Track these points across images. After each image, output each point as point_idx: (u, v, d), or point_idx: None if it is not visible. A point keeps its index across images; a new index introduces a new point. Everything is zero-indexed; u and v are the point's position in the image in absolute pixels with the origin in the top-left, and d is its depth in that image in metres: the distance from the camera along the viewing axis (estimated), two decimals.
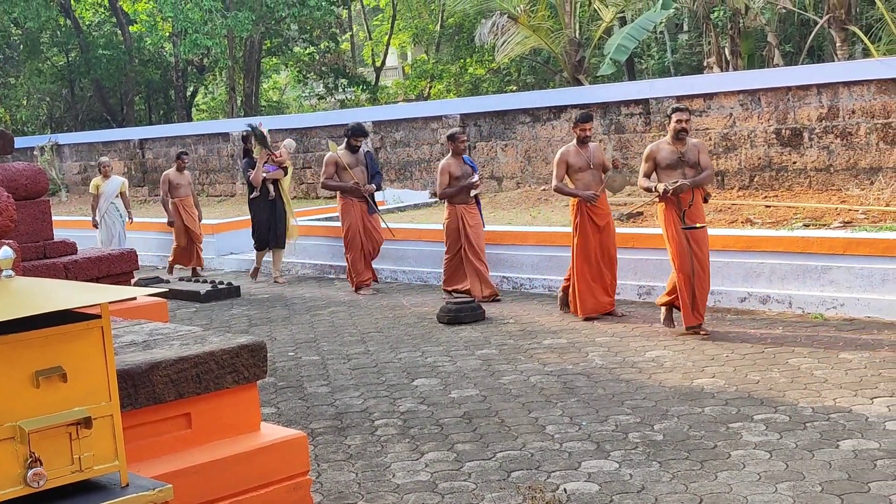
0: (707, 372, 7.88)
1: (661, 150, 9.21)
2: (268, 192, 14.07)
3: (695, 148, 9.19)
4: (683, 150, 9.13)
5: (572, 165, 10.35)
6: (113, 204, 16.05)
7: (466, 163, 11.99)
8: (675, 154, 9.12)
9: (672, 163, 9.11)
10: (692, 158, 9.12)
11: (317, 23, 32.25)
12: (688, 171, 9.07)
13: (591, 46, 22.74)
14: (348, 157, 12.86)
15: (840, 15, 19.46)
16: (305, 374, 8.72)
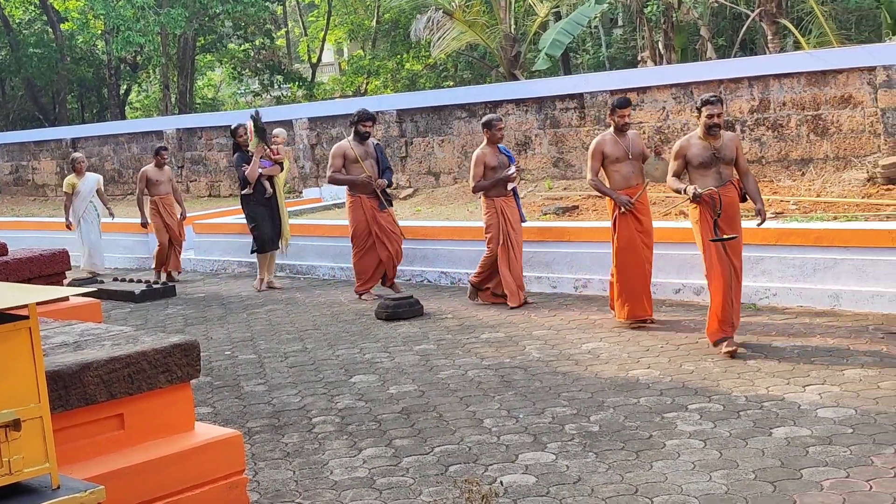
0: (642, 363, 7.96)
1: (692, 146, 8.17)
2: (264, 189, 12.95)
3: (731, 143, 8.21)
4: (718, 146, 8.10)
5: (609, 156, 9.41)
6: (91, 203, 15.25)
7: (502, 152, 10.99)
8: (708, 150, 8.11)
9: (705, 160, 8.11)
10: (728, 155, 8.13)
11: (251, 19, 32.02)
12: (724, 170, 8.10)
13: (527, 41, 22.84)
14: (358, 149, 11.76)
15: (771, 9, 19.74)
16: (242, 373, 8.67)
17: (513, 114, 16.88)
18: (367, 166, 11.70)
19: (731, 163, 8.15)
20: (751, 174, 8.37)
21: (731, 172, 8.16)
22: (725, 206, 7.98)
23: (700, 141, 8.16)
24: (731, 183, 8.13)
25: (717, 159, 8.08)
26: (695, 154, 8.14)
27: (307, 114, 20.44)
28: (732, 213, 8.11)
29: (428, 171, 18.24)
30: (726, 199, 8.03)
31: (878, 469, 5.36)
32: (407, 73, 33.34)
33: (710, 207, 7.99)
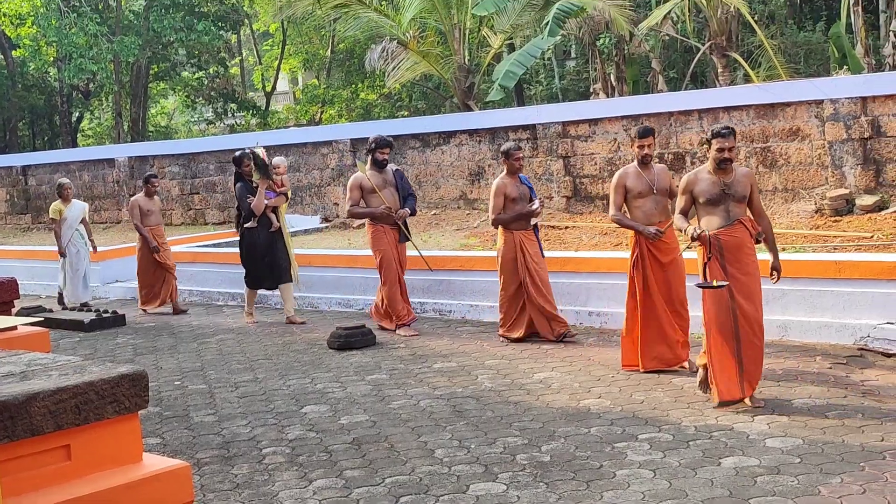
0: (593, 392, 8.00)
1: (700, 180, 7.52)
2: (269, 222, 12.22)
3: (744, 180, 7.50)
4: (729, 182, 7.42)
5: (631, 190, 8.70)
6: (77, 231, 14.65)
7: (523, 182, 10.32)
8: (716, 186, 7.43)
9: (713, 197, 7.44)
10: (739, 192, 7.43)
11: (205, 47, 32.00)
12: (733, 208, 7.41)
13: (481, 72, 22.96)
14: (376, 178, 11.12)
15: (721, 42, 20.01)
16: (192, 403, 8.59)
17: (466, 144, 16.96)
18: (387, 196, 11.09)
19: (742, 200, 7.45)
20: (766, 218, 7.68)
21: (742, 211, 7.45)
22: (731, 248, 7.36)
23: (709, 176, 7.50)
24: (740, 222, 7.41)
25: (727, 196, 7.40)
26: (702, 189, 7.49)
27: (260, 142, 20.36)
28: (740, 255, 7.37)
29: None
30: (732, 239, 7.38)
31: (825, 498, 5.42)
32: (362, 102, 33.42)
33: (717, 250, 7.38)
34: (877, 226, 11.74)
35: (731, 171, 7.44)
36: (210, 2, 31.03)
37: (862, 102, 13.07)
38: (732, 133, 7.46)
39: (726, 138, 7.39)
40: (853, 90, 13.21)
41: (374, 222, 11.15)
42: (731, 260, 7.37)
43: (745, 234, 7.42)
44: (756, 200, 7.57)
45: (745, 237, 7.42)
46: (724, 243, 7.38)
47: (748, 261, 7.43)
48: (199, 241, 17.00)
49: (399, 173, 11.50)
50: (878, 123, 13.01)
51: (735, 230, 7.42)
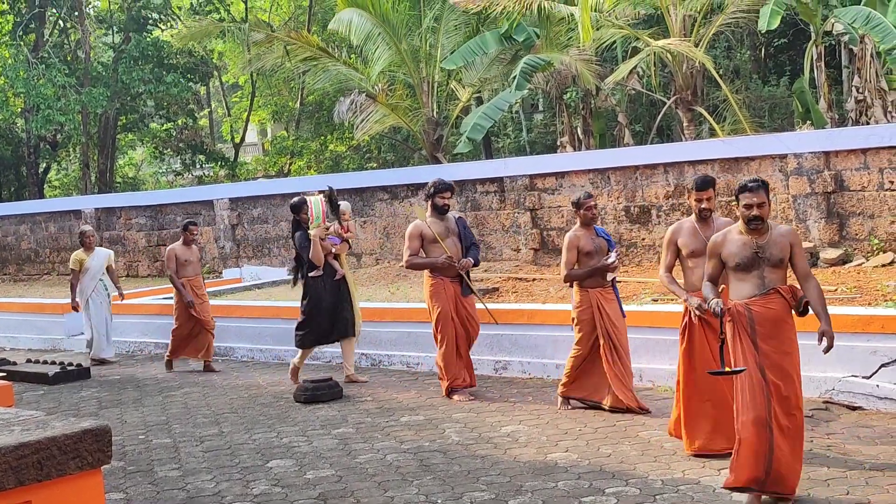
0: (561, 446, 7.98)
1: (729, 241, 6.51)
2: (333, 271, 11.30)
3: (782, 241, 6.43)
4: (763, 243, 6.40)
5: (684, 247, 7.72)
6: (101, 282, 14.00)
7: (600, 235, 9.26)
8: (748, 248, 6.41)
9: (744, 261, 6.42)
10: (776, 255, 6.39)
11: (174, 99, 32.02)
12: (769, 274, 6.38)
13: (449, 125, 23.12)
14: (437, 226, 10.12)
15: (686, 96, 20.25)
16: (156, 458, 8.51)
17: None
18: (449, 245, 10.11)
19: (779, 265, 6.40)
20: (814, 281, 6.50)
21: (779, 277, 6.41)
22: (764, 321, 6.33)
23: (740, 236, 6.48)
24: (777, 291, 6.37)
25: (761, 260, 6.37)
26: (732, 252, 6.46)
27: (228, 194, 20.41)
28: (776, 330, 6.35)
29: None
30: (766, 311, 6.35)
31: None
32: (330, 154, 33.51)
33: (748, 323, 6.37)
34: (840, 279, 11.85)
35: (765, 231, 6.40)
36: (179, 54, 31.10)
37: (825, 157, 13.26)
38: (762, 187, 6.39)
39: (755, 192, 6.34)
40: (816, 144, 13.39)
41: (433, 274, 10.15)
42: (765, 335, 6.33)
43: (781, 304, 6.38)
44: (800, 263, 6.48)
45: (781, 309, 6.38)
46: (755, 315, 6.34)
47: (785, 337, 6.38)
48: (166, 293, 16.89)
49: (462, 221, 10.55)
50: (841, 177, 13.18)
51: (770, 300, 6.37)
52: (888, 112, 18.60)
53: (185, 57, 31.49)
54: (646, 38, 19.94)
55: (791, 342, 6.40)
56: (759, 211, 6.35)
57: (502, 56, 21.56)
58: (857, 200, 13.09)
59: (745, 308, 6.38)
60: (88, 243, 13.97)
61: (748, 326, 6.35)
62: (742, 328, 6.37)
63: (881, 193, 12.91)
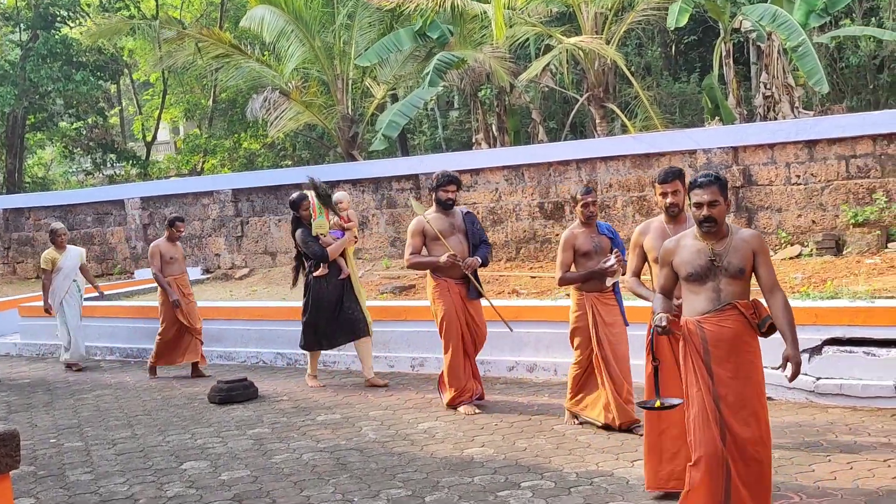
0: (477, 441, 8.02)
1: (683, 248, 5.54)
2: (339, 269, 10.69)
3: (744, 247, 5.42)
4: (720, 251, 5.41)
5: (651, 251, 6.62)
6: (75, 282, 13.32)
7: (603, 233, 8.22)
8: (702, 256, 5.44)
9: (698, 270, 5.44)
10: (735, 264, 5.38)
11: (83, 97, 31.41)
12: (726, 286, 5.37)
13: (364, 122, 23.05)
14: (440, 222, 9.23)
15: (599, 93, 20.45)
16: (68, 462, 8.35)
17: (350, 194, 16.95)
18: (454, 243, 9.17)
19: (739, 275, 5.37)
20: (781, 294, 5.43)
21: (739, 289, 5.39)
22: (718, 342, 5.38)
23: (694, 242, 5.51)
24: (734, 307, 5.37)
25: (717, 270, 5.38)
26: (684, 260, 5.49)
27: (140, 193, 20.10)
28: (730, 353, 5.38)
29: (264, 251, 18.11)
30: (719, 330, 5.38)
31: None
32: (244, 152, 33.19)
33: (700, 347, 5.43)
34: None
35: (723, 235, 5.44)
36: (89, 51, 30.50)
37: (734, 152, 13.49)
38: (716, 182, 5.43)
39: (706, 189, 5.39)
40: (725, 140, 13.62)
41: (436, 275, 9.20)
42: (721, 359, 5.39)
43: (739, 322, 5.39)
44: (765, 274, 5.41)
45: (739, 327, 5.39)
46: (708, 335, 5.39)
47: (745, 360, 5.42)
48: None
49: (470, 217, 9.54)
50: (749, 172, 13.43)
51: (726, 317, 5.39)
52: (795, 107, 19.00)
53: (94, 54, 30.89)
54: (558, 36, 20.09)
55: (752, 366, 5.42)
56: (710, 211, 5.36)
57: (416, 53, 21.56)
58: (764, 195, 13.35)
59: (697, 326, 5.42)
60: (60, 242, 13.31)
61: (701, 348, 5.40)
62: (694, 350, 5.43)
63: (788, 188, 13.18)
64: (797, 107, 19.08)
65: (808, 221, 13.08)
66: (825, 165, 12.94)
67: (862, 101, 24.24)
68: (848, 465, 6.70)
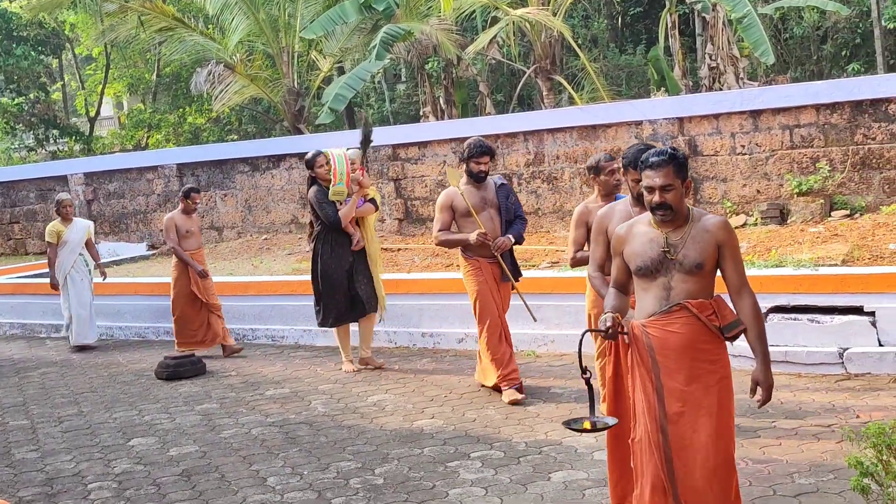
0: (427, 413, 8.02)
1: (635, 236, 4.74)
2: (347, 240, 9.73)
3: (706, 238, 4.60)
4: (675, 241, 4.61)
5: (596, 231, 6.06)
6: (81, 256, 12.55)
7: None
8: (654, 246, 4.63)
9: (647, 264, 4.64)
10: (692, 258, 4.57)
11: (25, 72, 30.91)
12: (679, 283, 4.59)
13: (311, 96, 22.87)
14: (472, 196, 8.35)
15: (546, 66, 20.44)
16: (13, 440, 8.25)
17: (296, 167, 16.84)
18: (485, 219, 8.33)
19: (695, 271, 4.57)
20: (750, 297, 4.64)
21: (695, 288, 4.57)
22: (664, 350, 4.59)
23: (647, 229, 4.71)
24: (683, 309, 4.56)
25: (670, 263, 4.59)
26: (634, 251, 4.71)
27: (83, 168, 19.81)
28: (680, 363, 4.57)
29: (210, 226, 17.95)
30: (667, 336, 4.57)
31: None
32: (189, 126, 32.84)
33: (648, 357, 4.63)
34: None
35: (681, 223, 4.64)
36: (29, 26, 30.00)
37: (679, 122, 13.56)
38: (671, 162, 4.58)
39: (658, 170, 4.57)
40: (670, 111, 13.68)
41: (468, 254, 8.41)
42: (671, 370, 4.58)
43: (691, 326, 4.55)
44: (731, 270, 4.62)
45: (692, 332, 4.56)
46: (654, 342, 4.59)
47: (700, 371, 4.59)
48: (20, 272, 16.36)
49: (504, 189, 8.56)
50: (694, 143, 13.51)
51: (673, 321, 4.58)
52: (740, 78, 19.10)
53: (35, 28, 30.37)
54: (504, 8, 20.04)
55: (710, 378, 4.58)
56: (664, 196, 4.56)
57: (363, 26, 21.38)
58: (710, 165, 13.44)
59: (643, 331, 4.63)
60: (66, 213, 12.51)
61: (647, 357, 4.61)
62: (639, 359, 4.66)
63: (733, 158, 13.28)
64: (742, 77, 19.19)
65: (752, 191, 13.20)
66: (769, 135, 13.04)
67: (806, 72, 24.47)
68: (793, 430, 6.79)
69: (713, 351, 4.61)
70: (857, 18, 23.56)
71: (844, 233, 11.14)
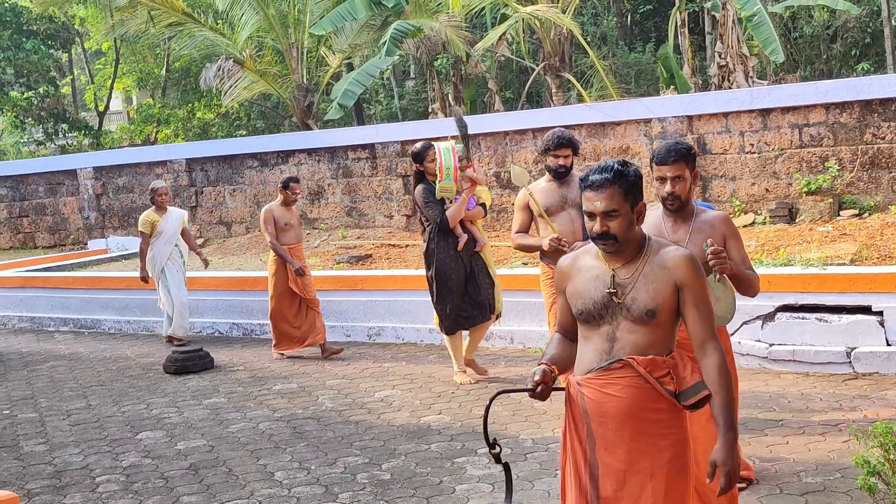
0: (434, 409, 8.04)
1: (579, 271, 3.85)
2: (473, 241, 9.04)
3: (663, 276, 3.67)
4: (624, 280, 3.70)
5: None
6: (177, 247, 11.99)
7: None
8: (599, 286, 3.74)
9: (589, 308, 3.74)
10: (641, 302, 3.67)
11: (34, 66, 30.96)
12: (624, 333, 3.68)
13: (320, 92, 22.89)
14: (549, 195, 7.33)
15: (555, 63, 20.43)
16: (22, 433, 8.28)
17: (305, 163, 16.87)
18: (563, 222, 7.27)
19: (646, 319, 3.64)
20: (716, 355, 3.64)
21: (647, 341, 3.64)
22: (601, 417, 3.67)
23: (595, 263, 3.81)
24: (626, 367, 3.63)
25: (616, 308, 3.68)
26: (576, 290, 3.81)
27: (92, 163, 19.85)
28: (621, 435, 3.64)
29: (219, 221, 17.98)
30: (604, 400, 3.66)
31: None
32: (198, 121, 32.89)
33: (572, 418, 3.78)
34: None
35: (633, 255, 3.72)
36: (39, 20, 30.05)
37: (688, 121, 13.54)
38: (616, 180, 3.66)
39: (598, 191, 3.67)
40: (680, 109, 13.67)
41: (545, 260, 7.44)
42: (608, 442, 3.68)
43: (635, 390, 3.62)
44: (694, 319, 3.65)
45: (636, 398, 3.62)
46: (590, 406, 3.69)
47: (646, 448, 3.65)
48: (29, 266, 16.41)
49: None
50: (703, 141, 13.50)
51: (614, 380, 3.66)
52: (749, 77, 19.08)
53: (45, 23, 30.43)
54: (514, 5, 20.03)
55: (659, 457, 3.64)
56: (605, 225, 3.65)
57: (372, 22, 21.39)
58: (719, 163, 13.42)
59: (578, 391, 3.72)
60: (161, 202, 11.90)
61: (582, 423, 3.72)
62: (573, 424, 3.77)
63: (742, 156, 13.27)
64: (751, 76, 19.17)
65: (761, 190, 13.18)
66: (779, 134, 13.03)
67: (815, 71, 24.43)
68: (800, 429, 6.80)
69: (665, 423, 3.63)
70: (868, 18, 23.51)
71: (853, 232, 11.12)
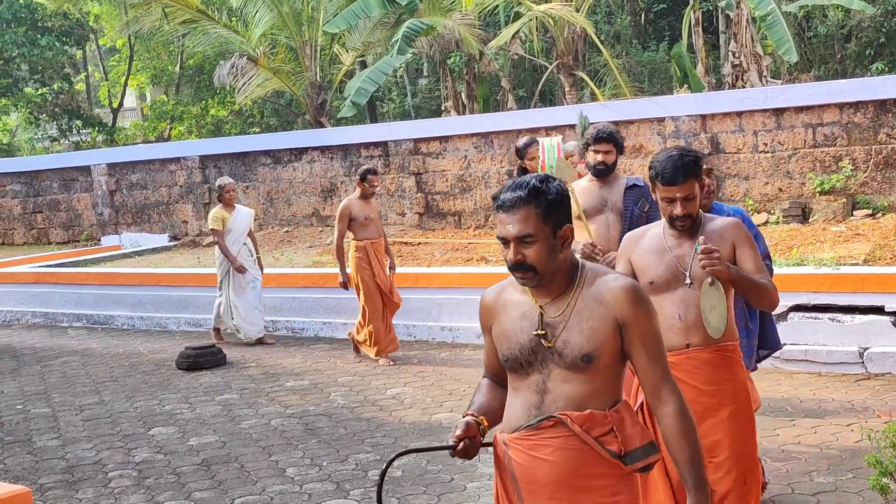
0: (445, 406, 8.05)
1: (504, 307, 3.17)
2: None
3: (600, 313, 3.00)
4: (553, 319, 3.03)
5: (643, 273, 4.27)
6: (245, 246, 11.48)
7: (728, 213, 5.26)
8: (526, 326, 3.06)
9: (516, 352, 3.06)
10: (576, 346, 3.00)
11: (49, 63, 31.08)
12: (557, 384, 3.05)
13: (333, 89, 22.92)
14: (588, 196, 6.39)
15: (568, 61, 20.42)
16: (35, 428, 8.32)
17: (318, 161, 16.90)
18: (600, 225, 6.32)
19: (582, 366, 3.01)
20: (674, 402, 3.04)
21: (586, 391, 3.02)
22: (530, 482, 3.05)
23: (522, 298, 3.17)
24: (559, 424, 3.01)
25: (546, 353, 3.05)
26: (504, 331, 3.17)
27: (106, 159, 19.92)
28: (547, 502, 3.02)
29: None
30: (532, 463, 3.04)
31: None
32: (212, 118, 32.95)
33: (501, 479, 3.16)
34: None
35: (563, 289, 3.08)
36: (54, 16, 30.16)
37: (702, 120, 13.53)
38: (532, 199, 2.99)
39: (510, 213, 3.00)
40: (693, 108, 13.65)
41: None
42: None
43: (573, 453, 3.00)
44: (644, 360, 3.03)
45: (573, 461, 3.00)
46: (517, 469, 3.08)
47: None
48: (43, 262, 16.47)
49: (636, 193, 6.41)
50: (717, 140, 13.48)
51: (545, 440, 3.03)
52: (763, 76, 19.04)
53: (59, 19, 30.54)
54: (527, 3, 20.01)
55: None
56: (519, 253, 2.99)
57: (385, 20, 21.40)
58: (732, 162, 13.41)
59: (505, 453, 3.11)
60: (229, 199, 11.44)
61: (511, 488, 3.11)
62: (502, 487, 3.16)
63: (755, 155, 13.24)
64: (765, 76, 19.13)
65: (775, 189, 13.16)
66: (792, 133, 13.00)
67: (829, 71, 24.34)
68: (812, 429, 6.78)
69: (609, 488, 2.98)
70: (882, 17, 23.40)
71: (866, 232, 11.10)
